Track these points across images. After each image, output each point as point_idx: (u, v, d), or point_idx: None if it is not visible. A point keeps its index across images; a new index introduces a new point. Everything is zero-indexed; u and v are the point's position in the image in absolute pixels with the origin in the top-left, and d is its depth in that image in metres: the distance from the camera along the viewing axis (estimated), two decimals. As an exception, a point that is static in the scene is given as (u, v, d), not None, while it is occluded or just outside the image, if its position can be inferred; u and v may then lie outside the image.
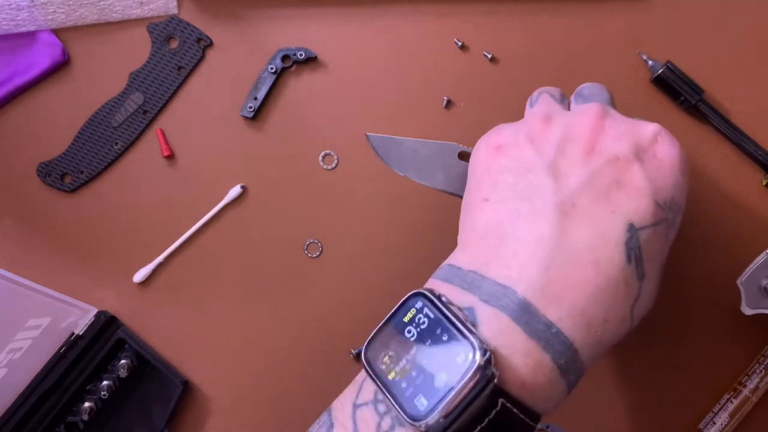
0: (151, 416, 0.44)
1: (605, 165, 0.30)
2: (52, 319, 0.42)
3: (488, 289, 0.27)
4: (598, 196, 0.28)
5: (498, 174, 0.32)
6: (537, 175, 0.30)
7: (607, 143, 0.30)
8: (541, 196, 0.29)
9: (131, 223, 0.47)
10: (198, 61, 0.48)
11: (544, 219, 0.28)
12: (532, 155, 0.31)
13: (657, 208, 0.29)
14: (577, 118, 0.32)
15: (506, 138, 0.34)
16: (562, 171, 0.30)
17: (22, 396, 0.42)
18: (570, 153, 0.30)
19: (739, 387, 0.42)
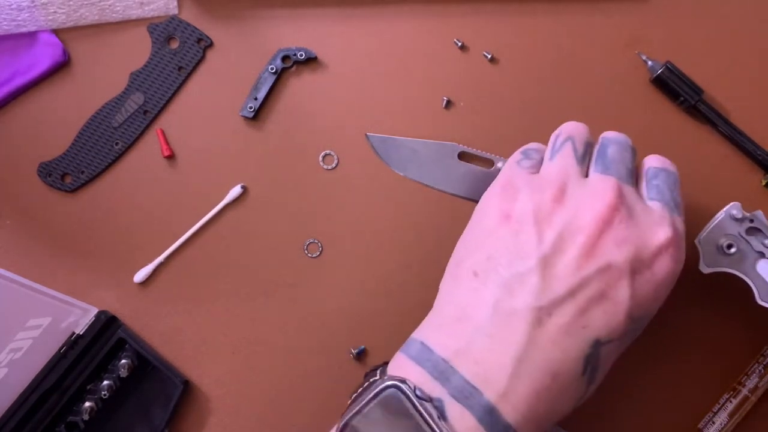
0: (152, 416, 0.44)
1: (596, 274, 0.29)
2: (53, 319, 0.42)
3: (458, 385, 0.28)
4: (576, 311, 0.29)
5: (495, 248, 0.32)
6: (527, 265, 0.30)
7: (607, 246, 0.30)
8: (523, 295, 0.29)
9: (131, 223, 0.47)
10: (198, 61, 0.48)
11: (517, 323, 0.29)
12: (532, 240, 0.31)
13: (629, 322, 0.29)
14: (589, 203, 0.31)
15: (516, 209, 0.33)
16: (553, 271, 0.30)
17: (23, 396, 0.42)
18: (568, 250, 0.30)
19: (739, 387, 0.42)
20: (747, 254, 0.32)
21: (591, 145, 0.36)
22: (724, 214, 0.33)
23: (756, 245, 0.32)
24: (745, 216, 0.32)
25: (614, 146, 0.36)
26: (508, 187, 0.34)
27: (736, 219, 0.32)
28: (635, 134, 0.46)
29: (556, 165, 0.35)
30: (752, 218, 0.32)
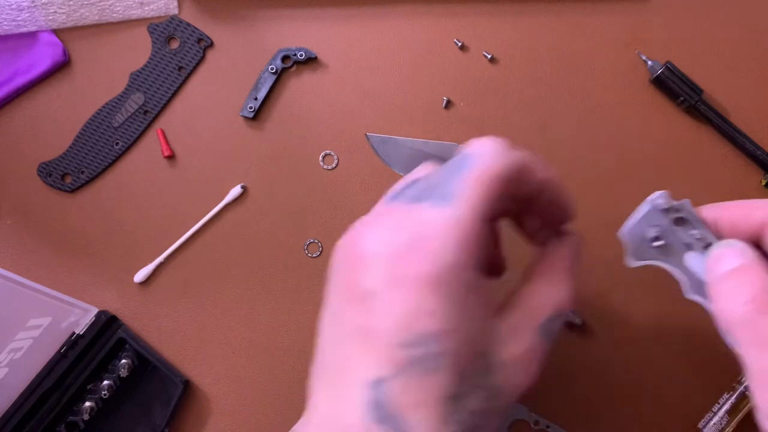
0: (152, 415, 0.44)
1: (353, 309, 0.25)
2: (53, 319, 0.42)
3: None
4: (342, 355, 0.25)
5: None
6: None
7: (364, 272, 0.25)
8: (318, 353, 0.27)
9: (131, 223, 0.47)
10: (198, 61, 0.48)
11: (312, 384, 0.27)
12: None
13: (401, 350, 0.24)
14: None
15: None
16: (332, 318, 0.27)
17: (23, 396, 0.42)
18: (342, 295, 0.27)
19: (738, 386, 0.42)
20: (674, 246, 0.30)
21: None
22: (650, 205, 0.30)
23: (683, 236, 0.30)
24: (672, 205, 0.30)
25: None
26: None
27: (663, 209, 0.30)
28: (635, 134, 0.46)
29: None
30: (679, 208, 0.30)
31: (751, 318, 0.25)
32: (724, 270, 0.27)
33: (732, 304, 0.26)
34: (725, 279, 0.27)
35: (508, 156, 0.27)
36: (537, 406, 0.44)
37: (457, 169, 0.27)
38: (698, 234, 0.30)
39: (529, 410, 0.43)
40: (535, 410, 0.43)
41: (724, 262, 0.28)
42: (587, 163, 0.46)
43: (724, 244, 0.29)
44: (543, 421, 0.43)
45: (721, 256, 0.28)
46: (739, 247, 0.28)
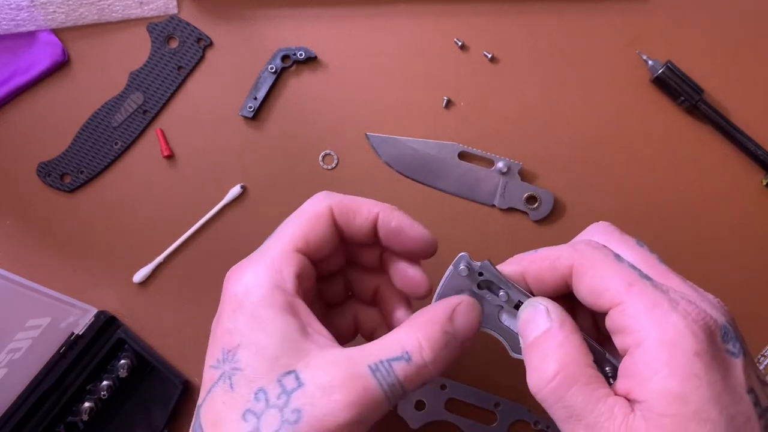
0: (151, 416, 0.44)
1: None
2: (52, 319, 0.42)
3: None
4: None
5: None
6: None
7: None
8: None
9: (131, 223, 0.47)
10: (198, 61, 0.48)
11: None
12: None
13: (209, 371, 0.27)
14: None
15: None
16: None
17: (22, 396, 0.42)
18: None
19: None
20: (487, 311, 0.28)
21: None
22: (452, 271, 0.28)
23: (492, 299, 0.28)
24: (473, 269, 0.28)
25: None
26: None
27: (464, 275, 0.28)
28: (636, 134, 0.46)
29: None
30: (481, 271, 0.28)
31: (558, 393, 0.24)
32: (532, 337, 0.26)
33: (538, 379, 0.25)
34: (533, 348, 0.26)
35: (329, 201, 0.29)
36: (537, 406, 0.43)
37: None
38: (504, 295, 0.28)
39: (529, 410, 0.43)
40: (535, 410, 0.43)
41: (531, 327, 0.26)
42: (587, 163, 0.46)
43: (530, 305, 0.27)
44: (543, 421, 0.43)
45: (528, 320, 0.27)
46: (544, 307, 0.26)
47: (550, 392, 0.24)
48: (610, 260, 0.26)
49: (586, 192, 0.46)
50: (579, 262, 0.26)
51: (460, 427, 0.43)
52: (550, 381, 0.24)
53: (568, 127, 0.47)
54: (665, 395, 0.22)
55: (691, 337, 0.22)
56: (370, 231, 0.30)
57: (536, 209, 0.45)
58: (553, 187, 0.46)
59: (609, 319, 0.25)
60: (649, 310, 0.23)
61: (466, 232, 0.46)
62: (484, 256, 0.46)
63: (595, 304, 0.26)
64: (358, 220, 0.29)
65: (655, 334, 0.23)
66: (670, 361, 0.22)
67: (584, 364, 0.24)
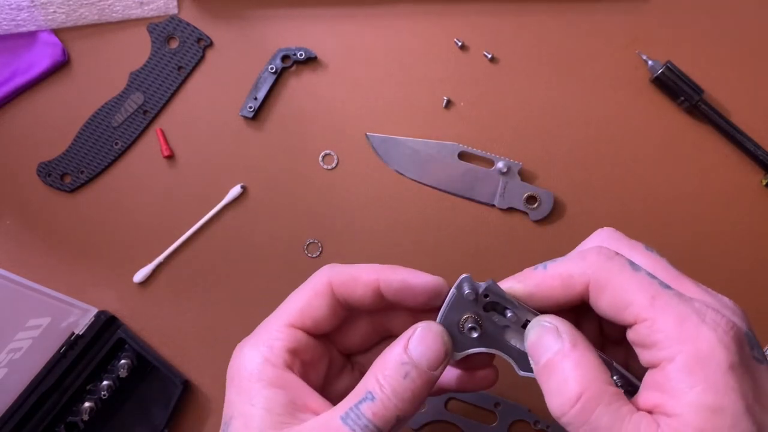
0: (151, 416, 0.44)
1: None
2: (52, 319, 0.42)
3: None
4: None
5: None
6: None
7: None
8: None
9: (131, 223, 0.47)
10: (198, 61, 0.48)
11: None
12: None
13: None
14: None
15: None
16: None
17: (22, 396, 0.42)
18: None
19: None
20: (493, 332, 0.28)
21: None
22: (455, 294, 0.27)
23: (499, 320, 0.27)
24: (477, 291, 0.27)
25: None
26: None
27: (470, 298, 0.27)
28: (636, 134, 0.46)
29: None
30: (486, 293, 0.27)
31: (582, 416, 0.23)
32: (545, 358, 0.26)
33: (560, 404, 0.24)
34: (548, 371, 0.25)
35: (326, 278, 0.30)
36: (537, 406, 0.44)
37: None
38: (512, 316, 0.27)
39: (529, 410, 0.43)
40: (535, 410, 0.43)
41: (542, 348, 0.26)
42: (587, 163, 0.46)
43: (538, 324, 0.26)
44: (543, 421, 0.43)
45: (537, 341, 0.26)
46: (553, 326, 0.26)
47: (574, 416, 0.24)
48: (627, 271, 0.25)
49: (586, 192, 0.46)
50: (595, 278, 0.26)
51: (460, 427, 0.43)
52: (574, 404, 0.24)
53: (568, 127, 0.47)
54: (702, 409, 0.22)
55: (724, 351, 0.22)
56: (374, 298, 0.30)
57: (536, 209, 0.45)
58: (553, 187, 0.46)
59: (634, 333, 0.25)
60: (679, 325, 0.23)
61: (466, 232, 0.46)
62: (484, 255, 0.46)
63: (618, 318, 0.25)
64: (359, 291, 0.29)
65: (688, 350, 0.23)
66: (706, 377, 0.22)
67: (604, 382, 0.24)
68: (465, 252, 0.46)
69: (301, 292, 0.31)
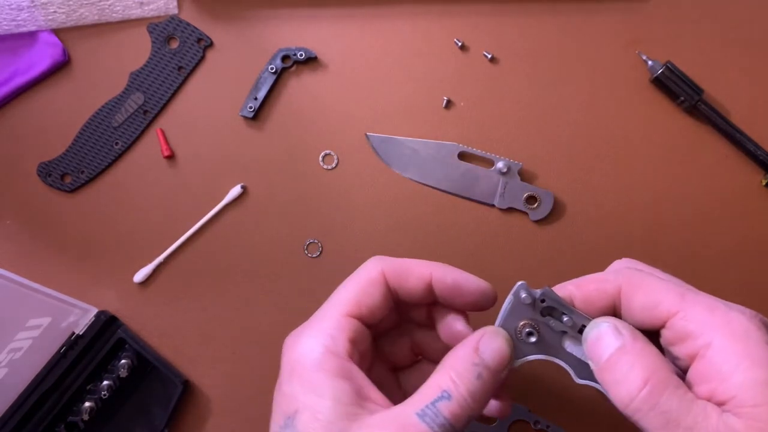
0: (152, 416, 0.44)
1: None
2: (53, 319, 0.42)
3: None
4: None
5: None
6: None
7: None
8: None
9: (131, 223, 0.47)
10: (198, 61, 0.48)
11: None
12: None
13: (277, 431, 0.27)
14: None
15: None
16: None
17: (23, 396, 0.42)
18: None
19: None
20: (550, 336, 0.28)
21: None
22: (513, 299, 0.28)
23: (556, 325, 0.28)
24: (534, 297, 0.28)
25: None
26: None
27: (527, 303, 0.28)
28: (635, 134, 0.46)
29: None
30: (543, 297, 0.28)
31: (651, 400, 0.24)
32: (606, 356, 0.26)
33: (627, 391, 0.25)
34: (611, 365, 0.26)
35: (380, 268, 0.30)
36: (537, 406, 0.44)
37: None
38: (569, 321, 0.28)
39: (529, 410, 0.43)
40: (535, 410, 0.43)
41: (602, 347, 0.26)
42: (587, 163, 0.46)
43: (595, 325, 0.27)
44: (543, 421, 0.43)
45: (597, 341, 0.27)
46: (611, 326, 0.27)
47: (642, 401, 0.24)
48: (656, 278, 0.27)
49: (586, 192, 0.46)
50: (627, 282, 0.27)
51: (460, 426, 0.43)
52: (641, 389, 0.24)
53: (568, 127, 0.47)
54: (753, 385, 0.22)
55: (757, 329, 0.24)
56: (425, 291, 0.30)
57: (536, 209, 0.45)
58: (553, 187, 0.46)
59: (669, 330, 0.26)
60: (710, 312, 0.25)
61: (466, 232, 0.46)
62: (485, 255, 0.46)
63: (650, 318, 0.26)
64: (411, 282, 0.30)
65: (723, 332, 0.24)
66: (748, 353, 0.23)
67: (669, 370, 0.25)
68: (465, 252, 0.46)
69: (354, 281, 0.30)
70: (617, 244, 0.45)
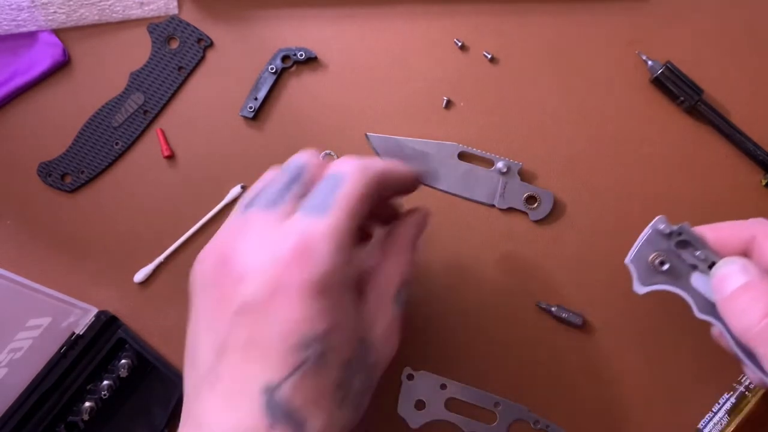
0: (152, 416, 0.44)
1: (237, 321, 0.26)
2: (53, 319, 0.42)
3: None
4: (230, 366, 0.26)
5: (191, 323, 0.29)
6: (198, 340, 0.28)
7: (230, 290, 0.27)
8: (195, 368, 0.27)
9: (131, 223, 0.47)
10: (198, 61, 0.48)
11: (190, 398, 0.27)
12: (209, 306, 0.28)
13: (292, 354, 0.26)
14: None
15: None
16: (199, 348, 0.27)
17: (23, 396, 0.42)
18: (219, 308, 0.27)
19: (738, 386, 0.42)
20: (680, 269, 0.31)
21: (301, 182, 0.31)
22: (651, 230, 0.31)
23: (688, 258, 0.31)
24: (672, 229, 0.31)
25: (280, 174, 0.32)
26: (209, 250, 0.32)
27: (664, 234, 0.31)
28: (635, 134, 0.46)
29: (246, 214, 0.31)
30: (680, 231, 0.31)
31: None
32: (733, 288, 0.29)
33: (747, 320, 0.27)
34: (736, 297, 0.28)
35: (371, 173, 0.30)
36: (537, 406, 0.44)
37: (331, 185, 0.29)
38: (701, 255, 0.31)
39: (529, 410, 0.43)
40: (535, 410, 0.43)
41: (730, 281, 0.29)
42: (587, 163, 0.46)
43: (726, 262, 0.30)
44: (543, 421, 0.43)
45: (727, 275, 0.29)
46: (741, 264, 0.29)
47: (762, 331, 0.27)
48: None
49: (586, 192, 0.46)
50: (763, 231, 0.31)
51: (460, 426, 0.43)
52: (761, 321, 0.27)
53: (568, 127, 0.47)
54: None
55: None
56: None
57: (536, 209, 0.45)
58: (553, 187, 0.46)
59: None
60: None
61: (465, 232, 0.46)
62: (485, 255, 0.46)
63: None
64: (388, 191, 0.33)
65: None
66: None
67: None
68: (465, 252, 0.46)
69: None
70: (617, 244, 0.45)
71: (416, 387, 0.44)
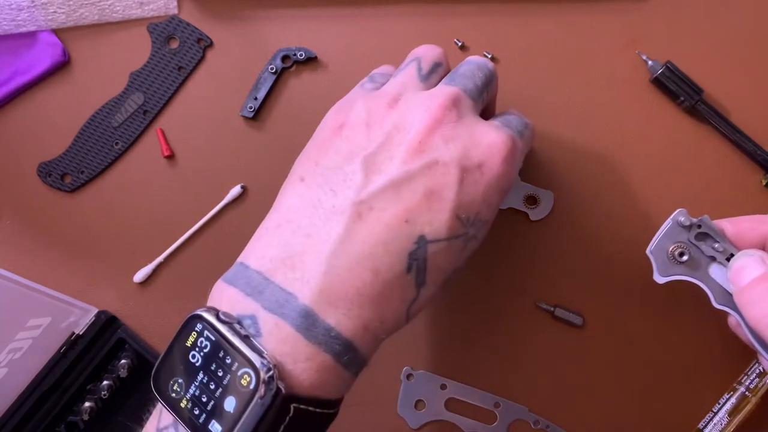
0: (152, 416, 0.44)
1: (422, 170, 0.28)
2: (53, 319, 0.42)
3: (271, 295, 0.27)
4: (397, 203, 0.28)
5: (324, 155, 0.31)
6: (353, 166, 0.29)
7: (434, 143, 0.29)
8: (344, 192, 0.28)
9: (131, 223, 0.47)
10: (198, 61, 0.48)
11: (336, 219, 0.28)
12: (361, 142, 0.30)
13: (457, 223, 0.29)
14: (421, 103, 0.31)
15: (350, 117, 0.32)
16: (377, 166, 0.29)
17: (23, 396, 0.42)
18: (394, 146, 0.29)
19: (739, 386, 0.42)
20: (699, 260, 0.32)
21: (442, 66, 0.35)
22: (672, 222, 0.33)
23: (707, 250, 0.32)
24: (692, 222, 0.32)
25: (468, 66, 0.34)
26: (345, 102, 0.34)
27: (684, 226, 0.32)
28: (635, 134, 0.46)
29: (396, 80, 0.34)
30: (700, 224, 0.32)
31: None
32: (749, 279, 0.30)
33: (762, 310, 0.28)
34: (752, 288, 0.29)
35: (494, 68, 0.36)
36: (537, 406, 0.44)
37: (473, 68, 0.34)
38: (720, 247, 0.32)
39: (529, 410, 0.43)
40: (535, 410, 0.43)
41: (747, 272, 0.30)
42: (587, 163, 0.46)
43: (744, 254, 0.31)
44: (543, 421, 0.43)
45: (744, 266, 0.30)
46: (758, 256, 0.30)
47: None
48: None
49: (586, 192, 0.46)
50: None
51: (460, 426, 0.43)
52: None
53: (568, 127, 0.47)
54: None
55: None
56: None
57: (536, 209, 0.45)
58: (553, 187, 0.46)
59: None
60: None
61: (466, 232, 0.46)
62: (485, 255, 0.46)
63: None
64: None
65: None
66: None
67: None
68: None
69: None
70: (617, 244, 0.45)
71: (416, 387, 0.44)
